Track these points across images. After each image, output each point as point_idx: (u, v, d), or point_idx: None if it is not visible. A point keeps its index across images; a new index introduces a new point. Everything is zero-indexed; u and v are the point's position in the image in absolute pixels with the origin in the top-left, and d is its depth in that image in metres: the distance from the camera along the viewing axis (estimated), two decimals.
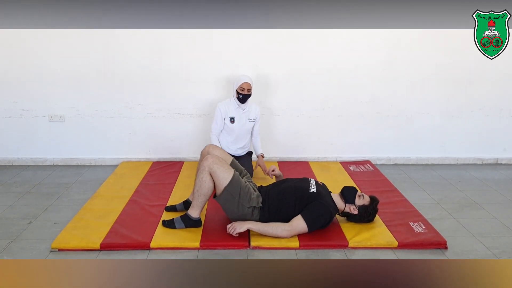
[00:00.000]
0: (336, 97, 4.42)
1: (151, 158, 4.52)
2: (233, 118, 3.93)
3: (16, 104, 4.30)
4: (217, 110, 3.94)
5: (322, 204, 2.91)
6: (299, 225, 2.85)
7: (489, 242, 2.92)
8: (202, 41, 4.22)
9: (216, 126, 3.95)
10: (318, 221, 2.89)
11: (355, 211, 3.00)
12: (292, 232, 2.85)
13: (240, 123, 3.95)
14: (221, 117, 3.94)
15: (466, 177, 4.23)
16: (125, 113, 4.37)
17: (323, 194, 2.98)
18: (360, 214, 3.01)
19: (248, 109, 3.98)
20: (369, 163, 4.51)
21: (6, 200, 3.55)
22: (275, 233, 2.84)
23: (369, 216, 3.03)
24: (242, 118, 3.95)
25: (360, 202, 3.01)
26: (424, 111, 4.51)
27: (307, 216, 2.86)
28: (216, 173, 2.83)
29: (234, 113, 3.94)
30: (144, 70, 4.27)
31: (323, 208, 2.90)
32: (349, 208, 3.01)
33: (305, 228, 2.85)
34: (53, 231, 2.99)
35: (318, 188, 2.99)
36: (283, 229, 2.85)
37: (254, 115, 4.01)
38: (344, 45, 4.28)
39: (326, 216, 2.91)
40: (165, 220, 3.03)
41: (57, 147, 4.44)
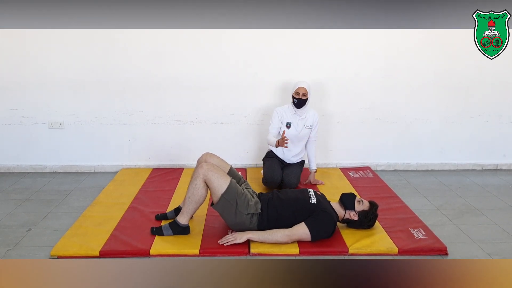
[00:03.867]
0: (335, 103, 4.43)
1: (150, 165, 4.52)
2: (289, 124, 3.91)
3: (16, 111, 4.31)
4: (274, 112, 3.95)
5: (327, 214, 2.90)
6: (300, 232, 2.84)
7: (490, 248, 2.91)
8: (202, 47, 4.23)
9: (273, 126, 3.92)
10: (323, 230, 2.88)
11: (355, 217, 3.00)
12: (292, 237, 2.84)
13: (296, 130, 3.90)
14: (278, 119, 3.92)
15: (466, 183, 4.22)
16: (124, 120, 4.38)
17: (324, 204, 2.97)
18: (360, 219, 3.00)
19: (306, 115, 3.94)
20: (369, 169, 4.50)
21: (5, 207, 3.54)
22: (275, 239, 2.83)
23: (370, 222, 3.02)
24: (299, 125, 3.91)
25: (360, 208, 3.00)
26: (424, 117, 4.52)
27: (312, 224, 2.85)
28: (212, 181, 2.83)
29: (291, 119, 3.92)
30: (143, 77, 4.28)
31: (328, 218, 2.89)
32: (349, 215, 3.00)
33: (308, 235, 2.84)
34: (52, 239, 2.98)
35: (318, 198, 2.99)
36: (283, 234, 2.84)
37: (311, 121, 3.95)
38: (343, 52, 4.29)
39: (331, 226, 2.90)
40: (154, 227, 3.02)
41: (56, 154, 4.44)
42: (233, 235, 2.87)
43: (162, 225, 3.03)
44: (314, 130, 4.00)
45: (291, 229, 2.86)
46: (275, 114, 3.94)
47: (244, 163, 4.54)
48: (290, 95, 3.92)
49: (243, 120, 4.43)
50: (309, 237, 2.85)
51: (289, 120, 3.92)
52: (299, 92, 3.81)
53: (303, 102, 3.85)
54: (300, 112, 3.90)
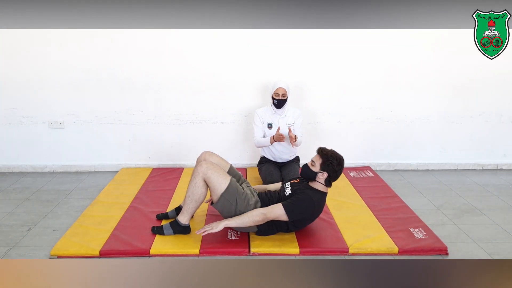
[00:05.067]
0: (336, 103, 4.42)
1: (150, 164, 4.52)
2: (270, 124, 3.90)
3: (16, 110, 4.30)
4: (255, 115, 3.94)
5: (303, 194, 2.88)
6: (276, 209, 2.83)
7: (490, 247, 2.91)
8: (202, 47, 4.23)
9: (258, 129, 3.91)
10: (297, 208, 2.84)
11: (324, 174, 2.91)
12: (268, 215, 2.82)
13: (281, 131, 3.84)
14: (260, 121, 3.91)
15: (467, 183, 4.22)
16: (124, 120, 4.38)
17: (299, 188, 2.95)
18: (329, 170, 2.88)
19: (286, 114, 3.92)
20: (369, 169, 4.50)
21: (6, 207, 3.54)
22: (251, 219, 2.81)
23: (334, 162, 2.89)
24: (280, 124, 3.89)
25: (317, 167, 2.92)
26: (424, 116, 4.51)
27: (287, 203, 2.85)
28: (211, 179, 2.83)
29: (271, 119, 3.91)
30: (143, 76, 4.27)
31: (302, 197, 2.87)
32: (321, 179, 2.93)
33: (283, 212, 2.81)
34: (52, 238, 2.98)
35: (293, 188, 2.98)
36: (259, 212, 2.83)
37: (292, 119, 3.93)
38: (344, 51, 4.29)
39: (307, 205, 2.87)
40: (154, 227, 3.03)
41: (57, 153, 4.44)
42: (210, 224, 2.83)
43: (162, 224, 3.03)
44: (298, 127, 3.92)
45: (266, 207, 2.85)
46: (257, 117, 3.92)
47: (244, 163, 4.54)
48: (270, 95, 3.90)
49: (243, 120, 4.43)
50: (284, 214, 2.82)
51: (270, 121, 3.91)
52: (278, 93, 3.79)
53: (283, 102, 3.84)
54: (279, 111, 3.89)
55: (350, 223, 3.19)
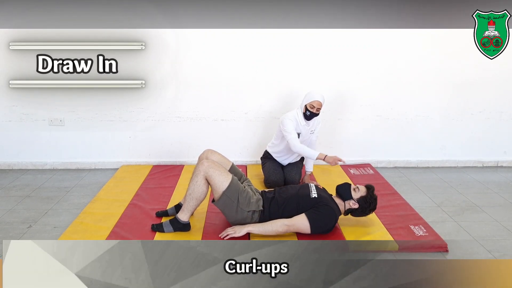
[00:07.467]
0: (336, 100, 4.42)
1: (151, 161, 4.52)
2: (299, 134, 3.74)
3: (16, 108, 4.30)
4: (289, 122, 3.65)
5: (329, 208, 2.89)
6: (299, 223, 2.83)
7: (490, 245, 2.91)
8: (201, 45, 4.22)
9: (294, 134, 3.65)
10: (322, 223, 2.86)
11: (355, 205, 2.97)
12: (291, 227, 2.83)
13: (303, 138, 3.78)
14: (293, 127, 3.66)
15: (467, 180, 4.22)
16: (125, 117, 4.37)
17: (325, 197, 2.96)
18: (361, 206, 2.97)
19: (312, 123, 3.80)
20: (370, 166, 4.50)
21: (6, 204, 3.54)
22: (275, 229, 2.82)
23: (370, 206, 2.97)
24: (306, 134, 3.80)
25: (357, 195, 2.97)
26: (425, 114, 4.51)
27: (312, 216, 2.84)
28: (213, 178, 2.83)
29: (301, 129, 3.75)
30: (144, 74, 4.26)
31: (329, 212, 2.88)
32: (349, 205, 2.98)
33: (307, 227, 2.83)
34: (52, 235, 2.98)
35: (319, 193, 2.98)
36: (283, 223, 2.83)
37: (314, 127, 3.82)
38: (344, 49, 4.28)
39: (331, 220, 2.89)
40: (154, 224, 3.03)
41: (57, 151, 4.44)
42: (233, 228, 2.86)
43: (162, 221, 3.03)
44: (315, 133, 3.90)
45: (290, 219, 2.85)
46: (291, 124, 3.65)
47: (245, 160, 4.54)
48: (302, 104, 3.71)
49: (243, 117, 4.43)
50: (308, 229, 2.83)
51: (299, 131, 3.74)
52: (314, 106, 3.60)
53: (315, 116, 3.71)
54: (309, 122, 3.76)
55: (350, 220, 3.18)
